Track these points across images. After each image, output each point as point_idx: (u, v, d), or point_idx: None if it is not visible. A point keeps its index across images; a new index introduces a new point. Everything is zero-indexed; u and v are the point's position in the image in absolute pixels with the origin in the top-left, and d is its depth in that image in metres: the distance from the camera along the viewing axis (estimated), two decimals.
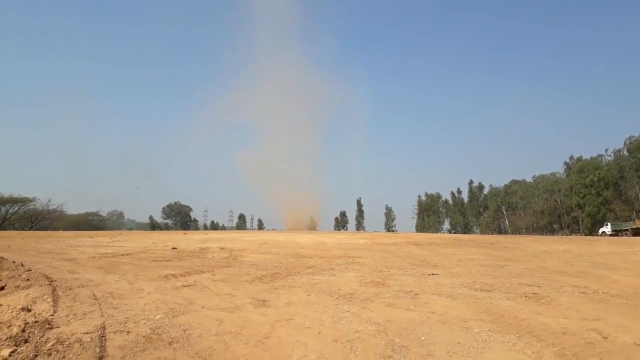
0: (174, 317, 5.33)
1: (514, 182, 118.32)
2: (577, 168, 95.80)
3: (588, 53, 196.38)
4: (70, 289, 6.95)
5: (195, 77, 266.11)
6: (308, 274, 9.10)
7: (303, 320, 5.22)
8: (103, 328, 4.78)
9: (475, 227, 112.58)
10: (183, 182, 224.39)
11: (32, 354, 3.94)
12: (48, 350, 4.06)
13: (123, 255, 12.63)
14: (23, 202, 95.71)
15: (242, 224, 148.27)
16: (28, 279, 7.53)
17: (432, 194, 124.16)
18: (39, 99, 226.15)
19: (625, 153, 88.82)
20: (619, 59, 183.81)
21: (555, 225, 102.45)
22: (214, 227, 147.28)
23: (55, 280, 7.65)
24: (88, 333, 4.58)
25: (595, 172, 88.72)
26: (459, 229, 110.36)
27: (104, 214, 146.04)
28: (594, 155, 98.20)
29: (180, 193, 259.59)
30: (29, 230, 77.76)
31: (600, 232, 69.52)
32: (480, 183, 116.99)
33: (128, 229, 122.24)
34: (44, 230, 79.47)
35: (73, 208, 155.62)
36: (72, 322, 5.05)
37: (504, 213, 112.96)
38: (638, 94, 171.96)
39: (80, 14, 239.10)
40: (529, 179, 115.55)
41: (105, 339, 4.42)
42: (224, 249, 15.33)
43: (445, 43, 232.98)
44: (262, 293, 6.81)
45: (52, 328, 4.76)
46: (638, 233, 62.15)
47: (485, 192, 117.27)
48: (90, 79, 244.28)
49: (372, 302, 6.34)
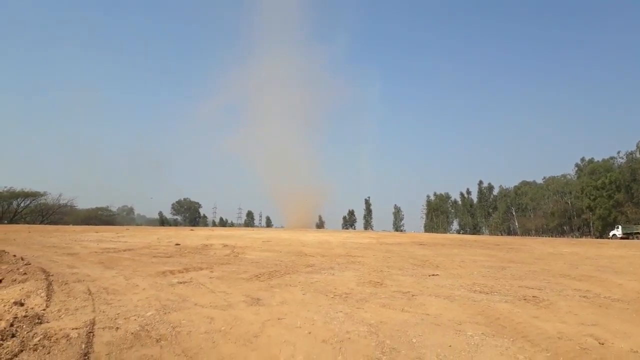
0: (166, 314, 5.30)
1: (524, 183, 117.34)
2: (588, 170, 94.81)
3: (601, 56, 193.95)
4: (66, 284, 6.97)
5: (203, 72, 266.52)
6: (307, 273, 9.05)
7: (294, 320, 5.17)
8: (92, 324, 4.76)
9: (485, 228, 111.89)
10: (193, 178, 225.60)
11: (17, 349, 3.93)
12: (34, 346, 4.04)
13: (125, 251, 12.68)
14: (34, 196, 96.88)
15: (250, 221, 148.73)
16: (25, 273, 7.57)
17: (441, 194, 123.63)
18: (49, 93, 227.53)
19: (638, 155, 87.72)
20: (632, 62, 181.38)
21: (566, 227, 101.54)
22: (223, 224, 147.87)
23: (53, 275, 7.68)
24: (77, 329, 4.56)
25: (607, 174, 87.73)
26: (468, 230, 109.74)
27: (114, 209, 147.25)
28: (606, 158, 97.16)
29: (190, 189, 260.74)
30: (39, 224, 78.68)
31: (611, 234, 68.86)
32: (490, 184, 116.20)
33: (137, 225, 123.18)
34: (54, 225, 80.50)
35: (83, 203, 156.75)
36: (62, 317, 5.05)
37: (514, 214, 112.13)
38: None
39: (88, 6, 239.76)
40: (540, 181, 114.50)
41: (93, 335, 4.40)
42: (227, 246, 15.33)
43: (457, 45, 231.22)
44: (257, 291, 6.77)
45: (41, 323, 4.75)
46: None
47: (495, 193, 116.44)
48: (98, 73, 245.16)
49: (367, 302, 6.27)
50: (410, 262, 12.07)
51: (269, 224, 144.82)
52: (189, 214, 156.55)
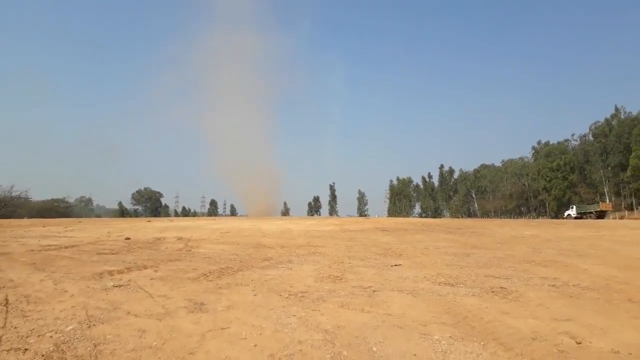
0: (90, 327, 4.56)
1: (484, 166, 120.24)
2: (544, 152, 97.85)
3: (557, 37, 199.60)
4: None
5: (158, 61, 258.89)
6: (262, 268, 8.38)
7: (240, 329, 4.52)
8: None
9: (446, 210, 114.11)
10: (152, 166, 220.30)
11: None
12: None
13: (67, 248, 11.65)
14: None
15: (214, 210, 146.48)
16: None
17: (403, 179, 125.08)
18: None
19: (591, 138, 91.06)
20: (588, 44, 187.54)
21: (523, 209, 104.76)
22: (185, 213, 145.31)
23: None
24: None
25: (562, 156, 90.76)
26: (430, 213, 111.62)
27: (72, 201, 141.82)
28: (561, 140, 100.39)
29: (151, 178, 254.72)
30: None
31: (566, 214, 71.34)
32: (451, 167, 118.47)
33: (96, 216, 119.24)
34: (5, 218, 76.58)
35: (39, 194, 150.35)
36: None
37: (474, 197, 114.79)
38: (604, 80, 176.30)
39: None
40: (498, 164, 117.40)
41: None
42: (181, 239, 14.47)
43: (414, 30, 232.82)
44: (202, 294, 6.06)
45: None
46: (602, 216, 63.99)
47: (456, 176, 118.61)
48: (43, 55, 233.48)
49: (324, 302, 5.68)
50: (373, 250, 11.59)
51: (234, 213, 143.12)
52: (150, 204, 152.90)
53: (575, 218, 65.18)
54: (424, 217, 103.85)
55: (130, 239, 14.40)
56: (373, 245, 12.81)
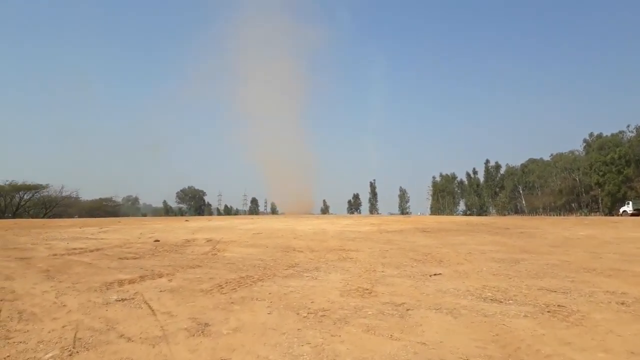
0: (71, 355, 3.94)
1: (531, 160, 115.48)
2: (596, 145, 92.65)
3: (608, 29, 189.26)
4: None
5: (192, 53, 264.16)
6: (285, 277, 7.63)
7: None
8: None
9: (492, 207, 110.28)
10: (194, 164, 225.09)
11: None
12: None
13: (92, 252, 11.34)
14: (37, 189, 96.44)
15: (255, 209, 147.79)
16: None
17: (446, 175, 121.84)
18: (40, 85, 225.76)
19: None
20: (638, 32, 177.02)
21: (574, 205, 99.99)
22: (228, 211, 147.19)
23: None
24: None
25: (616, 149, 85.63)
26: (475, 210, 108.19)
27: (119, 200, 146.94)
28: (615, 132, 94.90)
29: (194, 176, 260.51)
30: (42, 218, 78.08)
31: (621, 211, 67.37)
32: (497, 162, 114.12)
33: (142, 215, 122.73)
34: (58, 217, 79.82)
35: (88, 194, 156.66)
36: None
37: (521, 193, 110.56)
38: None
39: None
40: (547, 158, 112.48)
41: None
42: (211, 241, 13.98)
43: (459, 27, 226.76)
44: (211, 311, 5.36)
45: None
46: None
47: (502, 172, 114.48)
48: (87, 64, 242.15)
49: (347, 324, 4.86)
50: (410, 256, 10.65)
51: (274, 211, 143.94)
52: (194, 202, 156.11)
53: (632, 215, 61.28)
54: (469, 214, 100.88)
55: (159, 241, 14.04)
56: (411, 250, 11.85)
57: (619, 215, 65.08)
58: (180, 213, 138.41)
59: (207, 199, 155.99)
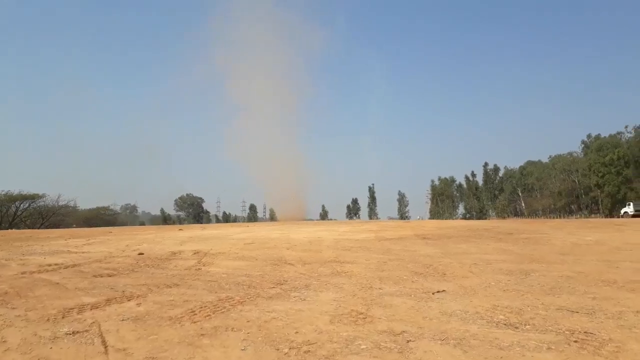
0: None
1: (530, 163, 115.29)
2: (595, 146, 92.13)
3: (604, 29, 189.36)
4: None
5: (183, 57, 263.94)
6: (269, 298, 6.76)
7: None
8: None
9: (491, 210, 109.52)
10: (192, 171, 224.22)
11: None
12: None
13: (67, 268, 10.45)
14: (33, 198, 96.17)
15: (253, 215, 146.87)
16: None
17: (445, 178, 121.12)
18: (33, 91, 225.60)
19: None
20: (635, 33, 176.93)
21: (573, 206, 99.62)
22: (227, 218, 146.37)
23: None
24: None
25: (615, 150, 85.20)
26: (474, 214, 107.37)
27: (117, 208, 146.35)
28: (613, 133, 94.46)
29: (193, 183, 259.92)
30: (38, 228, 77.06)
31: (622, 212, 67.03)
32: (496, 165, 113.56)
33: (140, 223, 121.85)
34: (55, 227, 78.81)
35: (85, 203, 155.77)
36: None
37: (520, 195, 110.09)
38: None
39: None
40: (545, 160, 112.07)
41: None
42: (198, 253, 13.10)
43: (455, 30, 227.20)
44: (175, 346, 4.49)
45: None
46: None
47: (501, 174, 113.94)
48: (80, 69, 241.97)
49: None
50: (411, 268, 9.80)
51: (273, 217, 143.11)
52: (193, 210, 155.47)
53: (633, 216, 60.65)
54: (468, 218, 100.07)
55: (143, 254, 13.17)
56: (411, 261, 10.98)
57: (620, 217, 64.50)
58: (179, 221, 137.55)
59: (205, 206, 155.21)
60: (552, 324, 5.09)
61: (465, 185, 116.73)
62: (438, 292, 7.10)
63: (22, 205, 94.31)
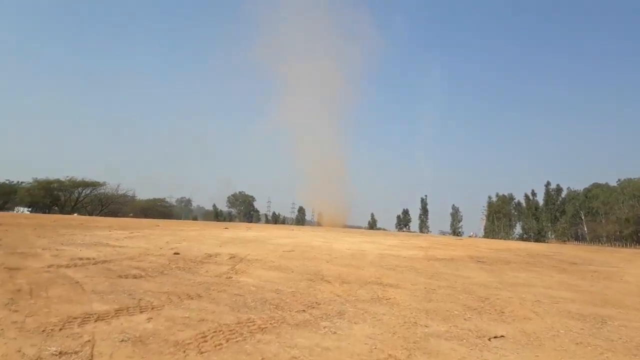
0: None
1: (596, 185, 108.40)
2: None
3: None
4: None
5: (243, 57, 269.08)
6: (294, 326, 5.84)
7: None
8: None
9: (550, 233, 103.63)
10: (248, 170, 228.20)
11: None
12: None
13: (95, 264, 10.03)
14: (94, 185, 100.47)
15: (302, 218, 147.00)
16: None
17: (503, 195, 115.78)
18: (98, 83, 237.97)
19: None
20: None
21: None
22: (275, 219, 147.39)
23: None
24: None
25: None
26: (532, 235, 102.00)
27: (173, 201, 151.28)
28: None
29: (245, 181, 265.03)
30: (97, 215, 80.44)
31: None
32: (559, 185, 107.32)
33: (193, 218, 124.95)
34: (113, 215, 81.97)
35: (143, 193, 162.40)
36: None
37: (583, 219, 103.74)
38: None
39: None
40: (613, 183, 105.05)
41: None
42: (233, 258, 12.44)
43: (519, 44, 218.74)
44: None
45: None
46: None
47: (563, 195, 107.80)
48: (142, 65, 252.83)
49: None
50: (463, 300, 8.60)
51: (320, 222, 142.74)
52: (244, 208, 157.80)
53: None
54: (525, 239, 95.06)
55: (179, 254, 12.68)
56: (464, 290, 9.74)
57: None
58: (230, 217, 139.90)
59: (256, 205, 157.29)
60: None
61: (525, 204, 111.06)
62: (495, 337, 5.94)
63: (84, 192, 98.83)
